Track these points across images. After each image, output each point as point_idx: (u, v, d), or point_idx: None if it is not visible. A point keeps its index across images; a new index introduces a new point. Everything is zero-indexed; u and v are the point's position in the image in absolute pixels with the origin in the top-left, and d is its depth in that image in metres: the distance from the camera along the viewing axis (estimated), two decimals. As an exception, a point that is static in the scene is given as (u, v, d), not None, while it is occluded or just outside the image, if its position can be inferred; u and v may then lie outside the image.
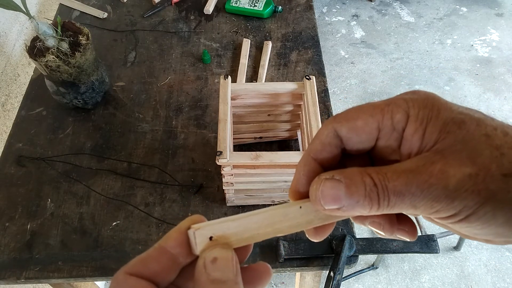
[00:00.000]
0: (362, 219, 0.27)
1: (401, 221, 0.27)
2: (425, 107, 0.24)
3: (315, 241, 0.28)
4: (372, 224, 0.27)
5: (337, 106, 2.06)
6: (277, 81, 0.99)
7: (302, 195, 0.27)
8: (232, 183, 0.74)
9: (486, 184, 0.21)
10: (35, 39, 0.83)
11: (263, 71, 1.00)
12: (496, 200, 0.21)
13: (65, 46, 0.82)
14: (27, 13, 0.79)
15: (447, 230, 1.51)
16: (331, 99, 0.95)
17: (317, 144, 0.26)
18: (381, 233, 0.27)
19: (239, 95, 0.77)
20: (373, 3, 2.59)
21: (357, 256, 0.73)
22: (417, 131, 0.24)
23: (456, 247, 1.60)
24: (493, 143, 0.22)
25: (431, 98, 0.24)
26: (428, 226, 1.65)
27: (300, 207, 0.26)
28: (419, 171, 0.22)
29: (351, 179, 0.23)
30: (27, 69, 1.17)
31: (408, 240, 0.27)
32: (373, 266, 1.57)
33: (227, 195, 0.77)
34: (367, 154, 0.27)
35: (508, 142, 0.22)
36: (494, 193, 0.21)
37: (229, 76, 0.76)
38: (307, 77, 0.76)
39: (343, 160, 0.27)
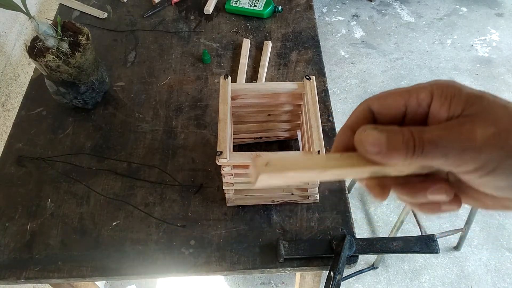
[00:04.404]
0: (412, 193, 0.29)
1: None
2: (448, 87, 0.28)
3: (379, 199, 0.30)
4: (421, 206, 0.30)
5: (337, 106, 2.06)
6: (277, 81, 0.99)
7: None
8: (232, 183, 0.74)
9: (508, 141, 0.25)
10: (35, 39, 0.83)
11: (263, 71, 1.00)
12: None
13: (65, 46, 0.82)
14: (27, 13, 0.79)
15: (447, 230, 1.50)
16: (331, 99, 0.95)
17: (354, 117, 0.30)
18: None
19: (239, 95, 0.77)
20: (373, 3, 2.59)
21: (357, 256, 0.73)
22: (443, 104, 0.27)
23: (456, 247, 1.60)
24: (510, 111, 0.26)
25: (451, 82, 0.28)
26: (428, 226, 1.65)
27: (340, 155, 0.28)
28: (450, 128, 0.26)
29: (391, 131, 0.27)
30: (27, 69, 1.17)
31: (455, 208, 0.29)
32: (373, 266, 1.57)
33: (227, 195, 0.77)
34: None
35: None
36: None
37: (229, 76, 0.76)
38: (307, 77, 0.76)
39: None
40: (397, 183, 0.29)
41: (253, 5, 1.12)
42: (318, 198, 0.79)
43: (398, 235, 1.43)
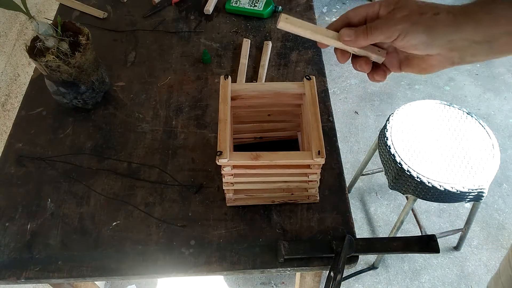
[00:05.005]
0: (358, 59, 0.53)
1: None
2: (389, 1, 0.49)
3: (341, 62, 0.54)
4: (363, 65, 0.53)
5: (337, 106, 2.06)
6: (277, 81, 0.99)
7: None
8: (232, 183, 0.74)
9: (413, 17, 0.46)
10: (35, 39, 0.83)
11: (263, 71, 1.00)
12: (417, 23, 0.46)
13: (65, 46, 0.82)
14: (27, 13, 0.79)
15: (447, 231, 1.50)
16: (331, 99, 0.95)
17: (338, 20, 0.52)
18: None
19: (239, 95, 0.77)
20: (373, 3, 2.59)
21: (357, 256, 0.73)
22: (386, 8, 0.49)
23: (456, 247, 1.60)
24: (418, 5, 0.47)
25: None
26: (428, 226, 1.65)
27: (331, 31, 0.52)
28: (384, 18, 0.48)
29: (356, 29, 0.49)
30: (27, 69, 1.17)
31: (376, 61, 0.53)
32: (373, 266, 1.57)
33: (227, 195, 0.77)
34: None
35: (425, 6, 0.47)
36: (416, 20, 0.46)
37: (229, 76, 0.76)
38: (307, 77, 0.76)
39: None
40: (351, 56, 0.53)
41: (253, 5, 1.12)
42: (318, 198, 0.79)
43: (398, 235, 1.43)
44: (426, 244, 0.72)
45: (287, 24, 0.50)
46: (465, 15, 0.45)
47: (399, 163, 1.17)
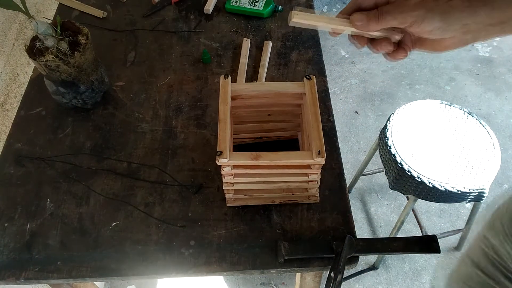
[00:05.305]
0: (377, 42, 0.54)
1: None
2: None
3: (359, 47, 0.56)
4: (383, 48, 0.53)
5: (338, 106, 2.06)
6: (277, 81, 0.99)
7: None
8: (232, 183, 0.73)
9: (428, 4, 0.47)
10: (35, 38, 0.82)
11: (263, 71, 1.00)
12: (433, 9, 0.47)
13: (64, 45, 0.82)
14: (27, 13, 0.79)
15: (448, 231, 1.50)
16: (331, 99, 0.95)
17: (348, 5, 0.52)
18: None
19: (239, 95, 0.76)
20: (373, 3, 2.59)
21: (358, 256, 0.72)
22: None
23: (457, 248, 1.60)
24: None
25: None
26: (428, 226, 1.65)
27: (340, 19, 0.52)
28: (397, 2, 0.48)
29: (368, 13, 0.50)
30: (26, 69, 1.17)
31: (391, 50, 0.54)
32: (373, 267, 1.57)
33: (227, 195, 0.77)
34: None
35: None
36: (432, 7, 0.47)
37: (229, 76, 0.76)
38: (307, 76, 0.76)
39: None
40: (369, 40, 0.54)
41: (253, 5, 1.12)
42: (318, 198, 0.79)
43: (399, 235, 1.43)
44: (427, 244, 0.72)
45: (299, 18, 0.51)
46: (479, 0, 0.46)
47: (400, 163, 1.17)
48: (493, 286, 0.66)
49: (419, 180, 1.14)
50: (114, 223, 0.78)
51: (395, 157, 1.19)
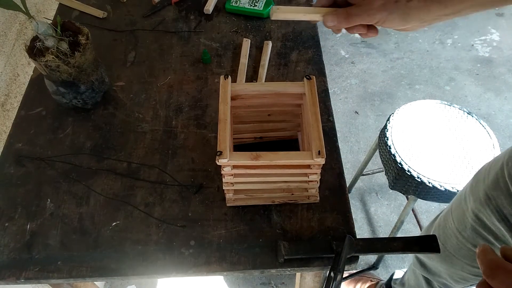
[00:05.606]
0: (351, 29, 0.60)
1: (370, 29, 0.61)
2: None
3: (336, 33, 0.67)
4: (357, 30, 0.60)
5: (338, 106, 2.06)
6: (277, 81, 0.99)
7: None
8: (232, 183, 0.73)
9: (389, 7, 0.54)
10: (35, 39, 0.82)
11: (263, 71, 1.00)
12: (393, 11, 0.54)
13: (64, 46, 0.82)
14: (27, 13, 0.79)
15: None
16: (331, 99, 0.95)
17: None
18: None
19: (239, 95, 0.76)
20: (373, 3, 2.58)
21: (358, 256, 0.73)
22: None
23: (457, 247, 1.60)
24: None
25: None
26: (428, 226, 1.65)
27: (318, 8, 0.60)
28: (364, 5, 0.56)
29: (338, 13, 0.58)
30: (27, 69, 1.17)
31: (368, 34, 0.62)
32: (373, 266, 1.57)
33: (227, 195, 0.77)
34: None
35: None
36: (392, 10, 0.54)
37: (229, 76, 0.76)
38: (307, 77, 0.76)
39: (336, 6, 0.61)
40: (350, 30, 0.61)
41: (253, 5, 1.12)
42: (318, 198, 0.79)
43: (399, 235, 1.43)
44: (427, 244, 0.72)
45: (279, 13, 0.59)
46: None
47: (400, 163, 1.17)
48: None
49: (419, 180, 1.14)
50: (114, 223, 0.78)
51: (395, 157, 1.19)
